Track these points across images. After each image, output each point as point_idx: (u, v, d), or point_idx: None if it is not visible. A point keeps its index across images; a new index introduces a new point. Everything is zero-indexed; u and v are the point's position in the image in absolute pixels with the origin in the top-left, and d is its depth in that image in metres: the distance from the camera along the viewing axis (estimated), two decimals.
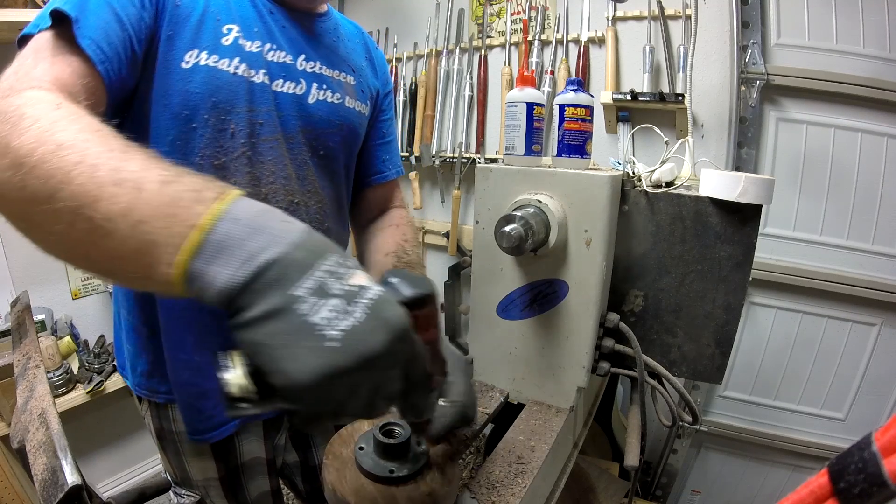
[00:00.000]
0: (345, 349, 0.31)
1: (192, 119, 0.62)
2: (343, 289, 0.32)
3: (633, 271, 0.94)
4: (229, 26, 0.63)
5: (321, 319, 0.31)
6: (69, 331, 1.78)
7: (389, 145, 0.91)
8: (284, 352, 0.31)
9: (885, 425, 0.23)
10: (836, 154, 1.48)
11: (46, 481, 0.42)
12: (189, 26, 0.60)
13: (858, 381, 1.57)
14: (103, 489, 1.95)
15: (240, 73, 0.63)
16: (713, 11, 1.49)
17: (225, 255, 0.33)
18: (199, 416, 0.72)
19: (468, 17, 1.98)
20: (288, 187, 0.69)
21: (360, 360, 0.31)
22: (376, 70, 0.87)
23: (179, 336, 0.68)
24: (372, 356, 0.31)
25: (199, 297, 0.34)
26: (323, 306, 0.31)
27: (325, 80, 0.73)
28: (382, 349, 0.32)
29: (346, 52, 0.80)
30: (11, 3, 1.46)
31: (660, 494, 1.82)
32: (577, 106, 0.83)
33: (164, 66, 0.60)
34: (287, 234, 0.34)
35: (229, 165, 0.65)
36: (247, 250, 0.33)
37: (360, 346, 0.31)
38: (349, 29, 0.84)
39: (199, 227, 0.33)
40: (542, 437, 0.76)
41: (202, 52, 0.61)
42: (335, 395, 0.32)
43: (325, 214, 0.76)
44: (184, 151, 0.63)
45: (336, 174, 0.79)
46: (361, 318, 0.32)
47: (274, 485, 0.86)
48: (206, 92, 0.61)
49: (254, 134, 0.66)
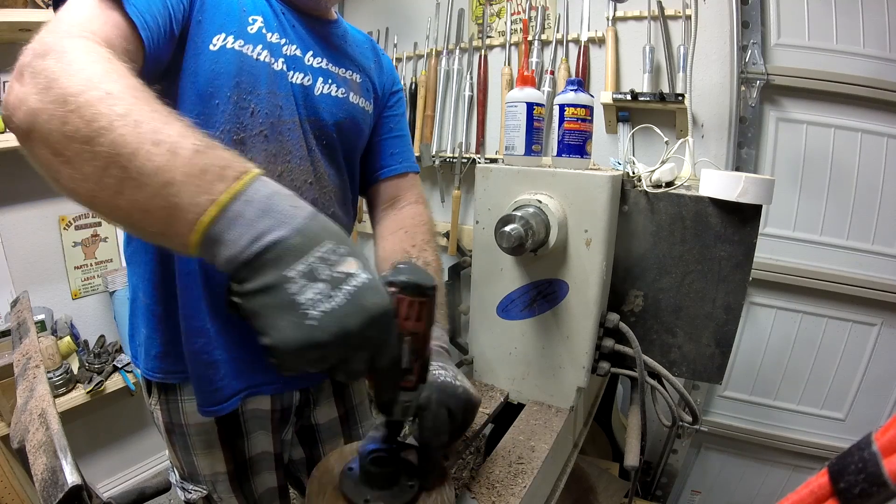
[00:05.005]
0: (321, 327, 0.36)
1: (216, 96, 0.66)
2: (331, 274, 0.37)
3: (633, 271, 0.94)
4: (254, 17, 0.68)
5: (306, 300, 0.36)
6: (69, 331, 1.78)
7: (398, 140, 0.91)
8: (272, 321, 0.36)
9: (885, 425, 0.23)
10: (836, 154, 1.48)
11: (46, 481, 0.42)
12: (218, 13, 0.66)
13: (858, 381, 1.57)
14: (103, 489, 1.95)
15: (262, 59, 0.68)
16: (713, 11, 1.49)
17: (235, 231, 0.37)
18: (210, 386, 0.73)
19: (468, 17, 1.98)
20: (302, 167, 0.73)
21: (332, 338, 0.36)
22: (384, 70, 0.90)
23: (195, 304, 0.71)
24: (343, 336, 0.36)
25: (208, 260, 0.39)
26: (310, 288, 0.36)
27: (330, 75, 0.77)
28: (354, 331, 0.36)
29: (354, 53, 0.83)
30: (11, 3, 1.46)
31: (660, 494, 1.82)
32: (577, 106, 0.83)
33: (194, 48, 0.64)
34: (292, 219, 0.38)
35: (247, 141, 0.68)
36: (254, 230, 0.37)
37: (335, 327, 0.36)
38: (358, 36, 0.88)
39: (218, 203, 0.37)
40: (542, 437, 0.76)
41: (229, 35, 0.65)
42: (307, 360, 0.37)
43: (331, 200, 0.79)
44: (205, 126, 0.66)
45: (340, 165, 0.81)
46: (341, 303, 0.36)
47: (280, 481, 0.87)
48: (231, 72, 0.66)
49: (273, 115, 0.70)
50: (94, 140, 0.38)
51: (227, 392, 0.74)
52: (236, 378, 0.74)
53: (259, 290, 0.37)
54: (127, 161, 0.38)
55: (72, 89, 0.40)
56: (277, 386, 0.79)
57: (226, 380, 0.73)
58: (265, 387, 0.78)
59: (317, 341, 0.36)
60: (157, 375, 0.76)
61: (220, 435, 0.78)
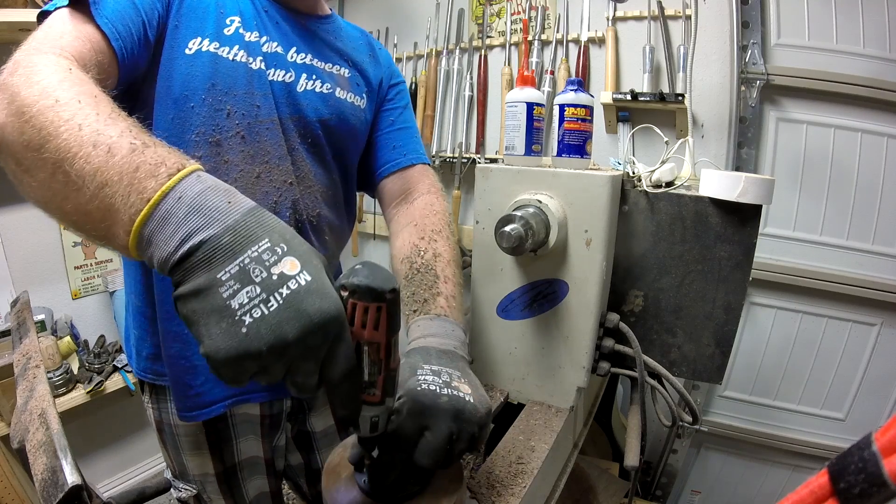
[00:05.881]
0: (253, 336, 0.32)
1: (191, 99, 0.66)
2: (264, 276, 0.33)
3: (633, 271, 0.94)
4: (232, 18, 0.68)
5: (237, 304, 0.33)
6: (69, 331, 1.78)
7: (401, 132, 0.88)
8: (204, 329, 0.33)
9: (885, 425, 0.23)
10: (836, 154, 1.48)
11: (46, 481, 0.42)
12: (195, 16, 0.66)
13: (858, 381, 1.57)
14: (103, 489, 1.95)
15: (239, 59, 0.68)
16: (713, 11, 1.49)
17: (166, 231, 0.35)
18: (188, 391, 0.72)
19: (468, 17, 1.98)
20: (281, 167, 0.72)
21: (267, 347, 0.32)
22: (380, 64, 0.88)
23: (170, 306, 0.69)
24: (280, 345, 0.32)
25: (149, 264, 0.37)
26: (242, 292, 0.33)
27: (315, 71, 0.76)
28: (291, 340, 0.33)
29: (344, 48, 0.81)
30: (11, 3, 1.46)
31: (660, 494, 1.82)
32: (577, 106, 0.83)
33: (170, 52, 0.65)
34: (225, 216, 0.35)
35: (224, 143, 0.68)
36: (183, 230, 0.34)
37: (269, 335, 0.32)
38: (352, 32, 0.86)
39: (148, 201, 0.35)
40: (542, 437, 0.76)
41: (205, 39, 0.66)
42: (243, 371, 0.33)
43: (317, 201, 0.77)
44: (181, 129, 0.66)
45: (329, 163, 0.79)
46: (276, 308, 0.33)
47: (273, 486, 0.86)
48: (206, 75, 0.66)
49: (249, 115, 0.69)
50: (43, 147, 0.39)
51: (209, 398, 0.73)
52: (219, 384, 0.72)
53: (190, 294, 0.34)
54: (68, 165, 0.37)
55: (28, 100, 0.41)
56: (265, 395, 0.78)
57: (207, 385, 0.72)
58: (253, 395, 0.76)
59: (249, 351, 0.32)
60: (149, 376, 0.77)
61: (207, 437, 0.78)
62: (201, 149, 0.68)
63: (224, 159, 0.68)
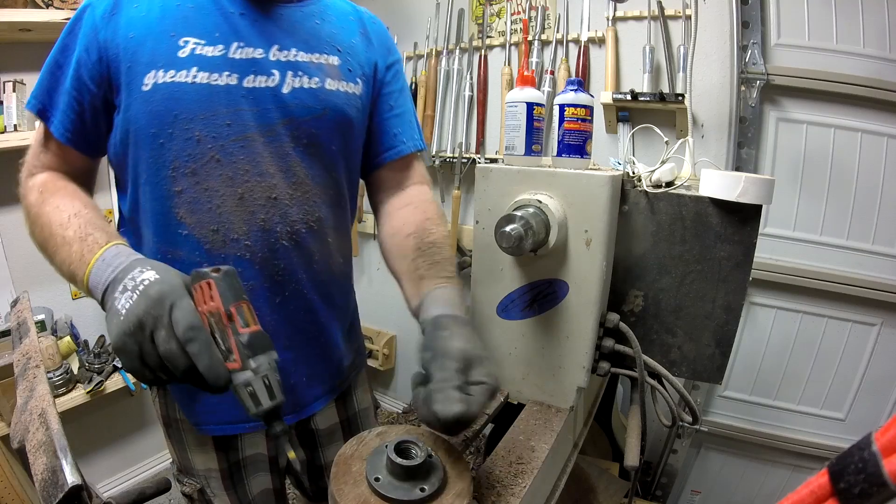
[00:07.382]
0: (125, 319, 0.48)
1: (159, 136, 0.66)
2: (133, 284, 0.50)
3: (633, 271, 0.94)
4: (185, 39, 0.65)
5: (121, 306, 0.49)
6: (69, 331, 1.78)
7: (401, 118, 0.85)
8: (109, 328, 0.50)
9: (885, 425, 0.23)
10: (836, 154, 1.48)
11: (46, 481, 0.42)
12: (145, 50, 0.64)
13: (858, 381, 1.57)
14: (103, 489, 1.95)
15: (199, 80, 0.65)
16: (713, 11, 1.49)
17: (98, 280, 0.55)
18: (197, 404, 0.74)
19: (468, 17, 1.98)
20: (265, 183, 0.70)
21: (132, 325, 0.47)
22: (372, 43, 0.82)
23: None
24: (137, 319, 0.47)
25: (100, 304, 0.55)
26: (122, 297, 0.50)
27: (300, 66, 0.71)
28: (142, 312, 0.47)
29: (331, 32, 0.76)
30: (11, 3, 1.45)
31: (660, 494, 1.82)
32: (577, 106, 0.83)
33: (128, 94, 0.65)
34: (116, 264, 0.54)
35: (200, 171, 0.67)
36: (104, 277, 0.54)
37: (132, 315, 0.48)
38: (341, 8, 0.81)
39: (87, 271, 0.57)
40: (542, 437, 0.76)
41: (159, 70, 0.64)
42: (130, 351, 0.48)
43: (316, 204, 0.75)
44: (157, 167, 0.67)
45: (329, 161, 0.76)
46: (134, 298, 0.49)
47: (276, 483, 0.86)
48: (167, 108, 0.65)
49: (221, 136, 0.67)
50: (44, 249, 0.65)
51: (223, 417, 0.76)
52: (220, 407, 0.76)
53: (106, 310, 0.52)
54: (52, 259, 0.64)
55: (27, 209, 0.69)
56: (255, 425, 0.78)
57: (221, 405, 0.75)
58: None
59: (125, 330, 0.47)
60: None
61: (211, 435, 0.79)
62: (180, 182, 0.67)
63: (203, 187, 0.67)
